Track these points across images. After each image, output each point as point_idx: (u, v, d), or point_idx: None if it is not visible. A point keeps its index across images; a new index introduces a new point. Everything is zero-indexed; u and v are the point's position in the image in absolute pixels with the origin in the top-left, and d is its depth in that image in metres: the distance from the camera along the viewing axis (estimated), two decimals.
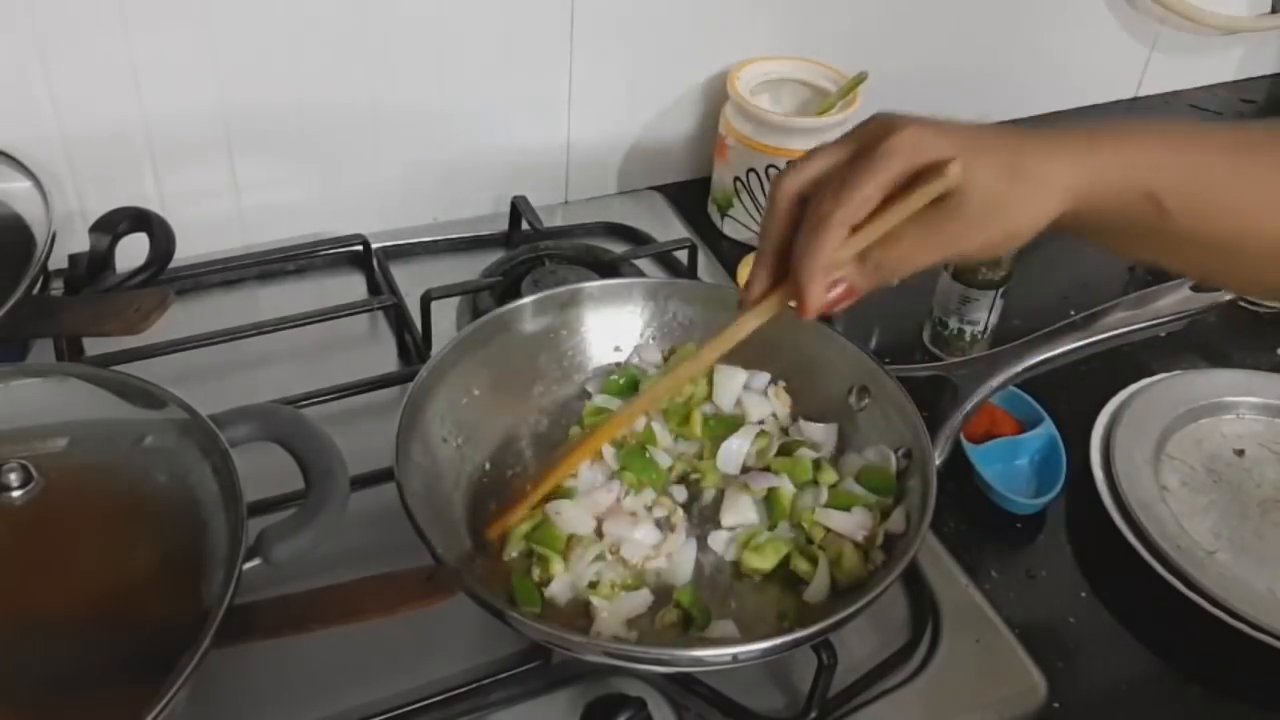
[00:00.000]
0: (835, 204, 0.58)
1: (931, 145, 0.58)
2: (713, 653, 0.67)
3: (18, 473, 0.62)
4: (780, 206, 0.62)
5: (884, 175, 0.58)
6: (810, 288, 0.59)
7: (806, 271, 0.59)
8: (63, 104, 0.91)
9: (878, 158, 0.58)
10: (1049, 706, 0.75)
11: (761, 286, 0.64)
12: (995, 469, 0.88)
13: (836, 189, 0.59)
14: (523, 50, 1.05)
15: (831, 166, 0.61)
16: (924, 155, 0.58)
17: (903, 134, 0.58)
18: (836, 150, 0.61)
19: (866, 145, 0.60)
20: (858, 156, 0.60)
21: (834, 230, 0.58)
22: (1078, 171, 0.60)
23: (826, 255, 0.59)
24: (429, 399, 0.78)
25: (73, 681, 0.57)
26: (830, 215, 0.58)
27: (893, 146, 0.58)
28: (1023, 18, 1.28)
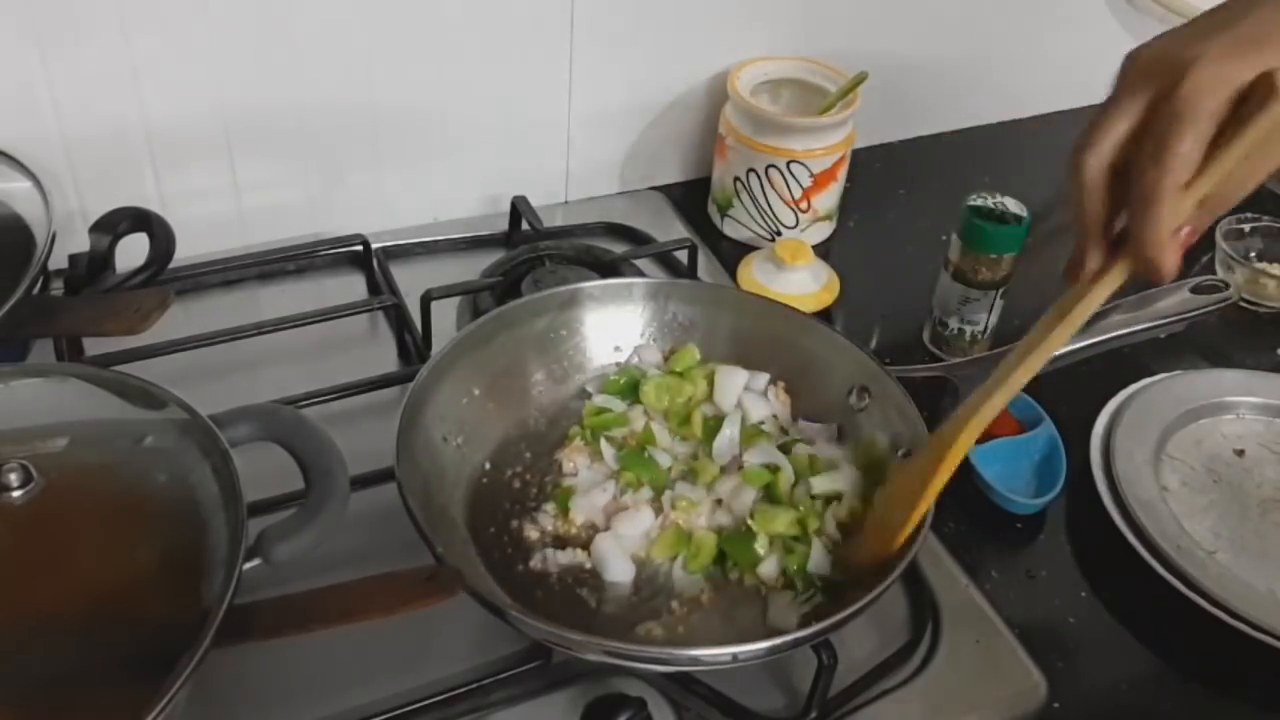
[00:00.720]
0: (1161, 171, 0.56)
1: (1232, 73, 0.55)
2: (712, 652, 0.67)
3: (18, 473, 0.62)
4: (1093, 184, 0.60)
5: (1202, 125, 0.56)
6: (1164, 259, 0.58)
7: (1155, 244, 0.58)
8: (63, 104, 0.91)
9: (1186, 109, 0.55)
10: (1049, 706, 0.75)
11: (1096, 264, 0.62)
12: (995, 469, 0.88)
13: (1158, 154, 0.56)
14: (523, 50, 1.05)
15: (1129, 128, 0.58)
16: (1230, 87, 0.55)
17: (1196, 76, 0.55)
18: (1129, 107, 0.58)
19: (1161, 93, 0.56)
20: (1158, 109, 0.57)
21: (1169, 197, 0.57)
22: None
23: (1169, 223, 0.57)
24: (429, 399, 0.78)
25: (73, 681, 0.57)
26: (1160, 184, 0.56)
27: (1196, 91, 0.55)
28: (1023, 18, 1.29)
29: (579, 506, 0.77)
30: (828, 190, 1.11)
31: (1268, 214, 1.14)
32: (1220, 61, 0.55)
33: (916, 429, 0.77)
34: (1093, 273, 0.63)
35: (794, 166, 1.08)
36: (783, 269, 1.03)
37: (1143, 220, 0.58)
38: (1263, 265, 1.11)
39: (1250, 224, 1.14)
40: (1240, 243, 1.13)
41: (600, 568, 0.75)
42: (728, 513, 0.78)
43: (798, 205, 1.11)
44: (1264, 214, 1.14)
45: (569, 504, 0.77)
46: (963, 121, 1.35)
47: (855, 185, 1.18)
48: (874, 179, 1.23)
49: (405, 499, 0.70)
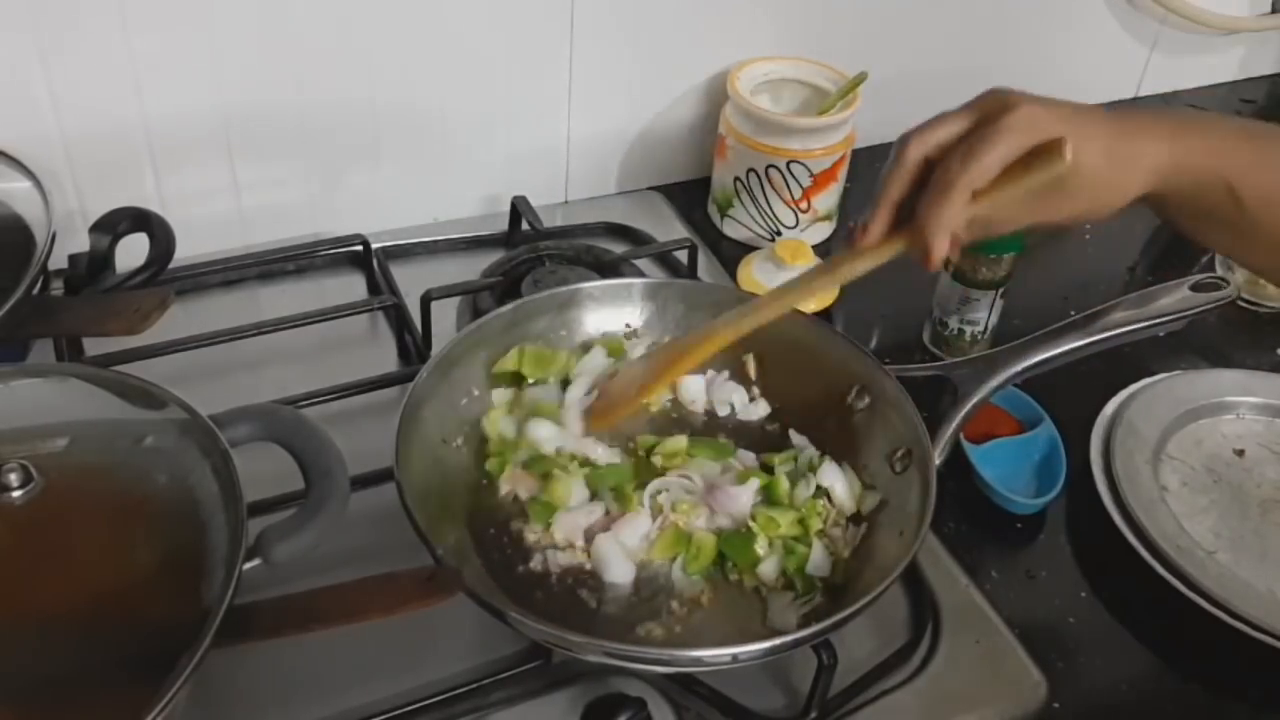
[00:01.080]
0: (962, 170, 0.64)
1: (1046, 124, 0.65)
2: (713, 653, 0.67)
3: (18, 473, 0.62)
4: (907, 164, 0.68)
5: (1005, 149, 0.64)
6: (936, 242, 0.65)
7: (933, 227, 0.65)
8: (63, 104, 0.91)
9: (1001, 131, 0.65)
10: (1049, 706, 0.75)
11: (880, 232, 0.69)
12: (995, 469, 0.88)
13: (964, 156, 0.65)
14: (523, 50, 1.05)
15: (955, 134, 0.67)
16: (1040, 133, 0.65)
17: (1020, 112, 0.65)
18: (959, 119, 0.67)
19: (987, 117, 0.66)
20: (980, 127, 0.66)
21: (960, 193, 0.65)
22: (1163, 155, 0.68)
23: (953, 215, 0.65)
24: (429, 399, 0.78)
25: (73, 681, 0.57)
26: (957, 180, 0.64)
27: (1013, 123, 0.65)
28: (1023, 18, 1.28)
29: (561, 525, 0.76)
30: (828, 190, 1.11)
31: None
32: (1041, 112, 0.66)
33: (916, 428, 0.77)
34: (872, 241, 0.69)
35: (794, 166, 1.08)
36: (783, 269, 1.03)
37: (932, 205, 0.65)
38: None
39: None
40: None
41: (601, 569, 0.74)
42: (727, 514, 0.78)
43: (798, 205, 1.11)
44: None
45: (550, 521, 0.76)
46: None
47: (855, 185, 1.18)
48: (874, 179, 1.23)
49: (404, 499, 0.70)
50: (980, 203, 0.66)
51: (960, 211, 0.65)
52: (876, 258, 0.70)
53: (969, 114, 0.67)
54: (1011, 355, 0.82)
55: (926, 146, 0.67)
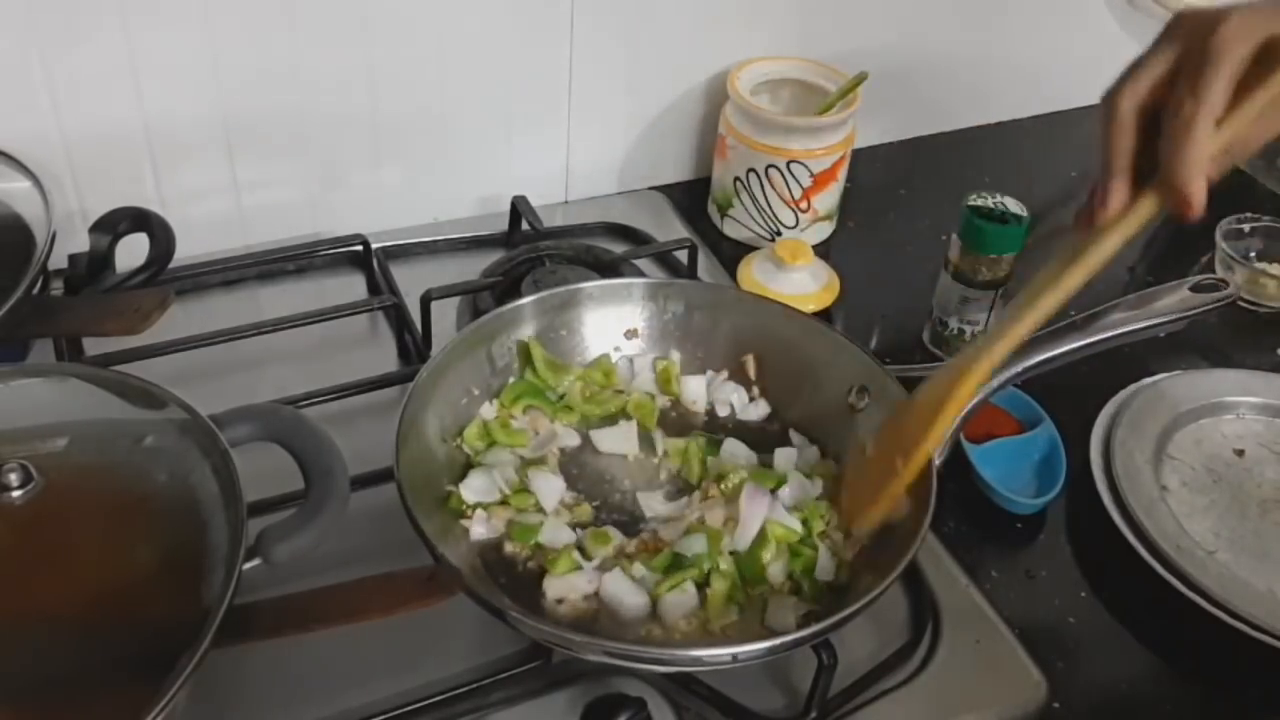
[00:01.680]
0: (1196, 103, 0.60)
1: (1260, 25, 0.61)
2: (713, 652, 0.67)
3: (18, 473, 0.62)
4: (1125, 121, 0.63)
5: (1232, 66, 0.60)
6: (1193, 186, 0.61)
7: (1185, 172, 0.61)
8: (63, 104, 0.91)
9: (1219, 49, 0.60)
10: (1049, 706, 0.75)
11: (1122, 199, 0.64)
12: (995, 469, 0.88)
13: (1193, 88, 0.60)
14: (523, 50, 1.05)
15: (1164, 72, 0.62)
16: (1258, 34, 0.60)
17: (1229, 24, 0.60)
18: (1162, 57, 0.63)
19: (1194, 43, 0.61)
20: (1190, 56, 0.61)
21: (1204, 127, 0.60)
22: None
23: (1203, 152, 0.61)
24: (429, 399, 0.78)
25: (73, 681, 0.57)
26: (1196, 114, 0.60)
27: (1227, 37, 0.60)
28: (1022, 18, 1.28)
29: (553, 589, 0.73)
30: (828, 190, 1.11)
31: (1268, 214, 1.14)
32: (1250, 16, 0.60)
33: None
34: (1117, 210, 0.64)
35: (794, 166, 1.08)
36: (783, 269, 1.03)
37: (1176, 150, 0.61)
38: (1263, 265, 1.11)
39: (1250, 224, 1.13)
40: (1240, 243, 1.13)
41: (615, 606, 0.72)
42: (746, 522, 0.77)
43: (798, 205, 1.11)
44: (1264, 214, 1.14)
45: (543, 586, 0.73)
46: (963, 121, 1.35)
47: (855, 185, 1.18)
48: (874, 179, 1.23)
49: (404, 499, 0.70)
50: (1227, 130, 0.61)
51: (1208, 147, 0.61)
52: (1127, 229, 0.65)
53: (1169, 49, 0.63)
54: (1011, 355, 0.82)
55: (1139, 96, 0.63)
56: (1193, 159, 0.61)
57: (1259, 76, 0.61)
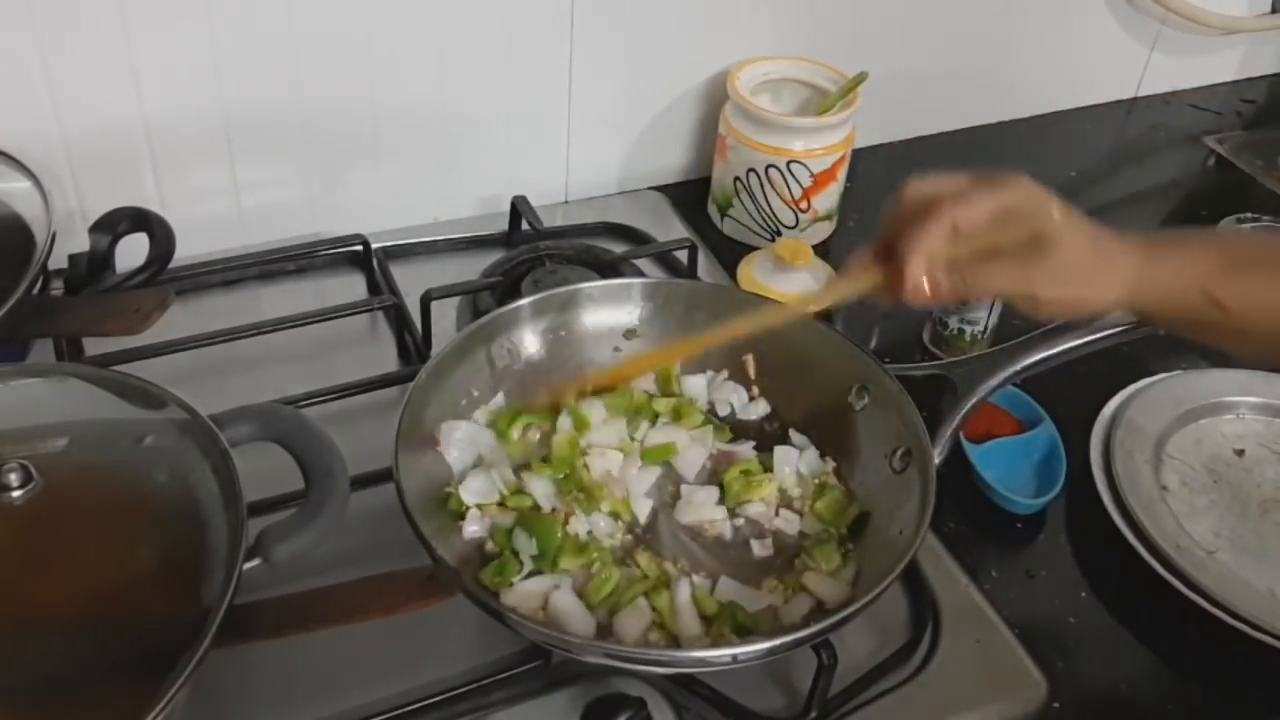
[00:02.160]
0: (953, 204, 0.67)
1: (1044, 196, 0.69)
2: (713, 653, 0.67)
3: (18, 473, 0.62)
4: (904, 202, 0.70)
5: (1001, 196, 0.68)
6: (911, 263, 0.67)
7: (910, 250, 0.67)
8: (63, 103, 0.91)
9: (998, 183, 0.68)
10: (1049, 706, 0.75)
11: (863, 261, 0.72)
12: (995, 469, 0.88)
13: (955, 195, 0.68)
14: (523, 50, 1.05)
15: (956, 184, 0.69)
16: (1037, 199, 0.68)
17: (1022, 178, 0.69)
18: (963, 177, 0.70)
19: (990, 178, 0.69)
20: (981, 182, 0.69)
21: (944, 221, 0.67)
22: (1139, 268, 0.70)
23: (932, 240, 0.67)
24: (429, 399, 0.78)
25: (73, 681, 0.57)
26: (945, 211, 0.67)
27: (1012, 180, 0.68)
28: (1023, 18, 1.29)
29: (507, 598, 0.71)
30: (828, 190, 1.11)
31: (1268, 214, 1.14)
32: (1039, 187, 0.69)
33: (916, 428, 0.77)
34: (856, 265, 0.73)
35: (794, 166, 1.08)
36: (783, 269, 1.03)
37: (915, 230, 0.67)
38: None
39: (1250, 224, 1.13)
40: None
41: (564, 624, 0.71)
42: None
43: (798, 205, 1.11)
44: (1264, 214, 1.14)
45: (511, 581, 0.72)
46: (963, 121, 1.35)
47: (855, 185, 1.18)
48: (874, 179, 1.23)
49: (403, 500, 0.70)
50: (963, 243, 0.67)
51: (939, 240, 0.67)
52: (850, 285, 0.73)
53: (973, 177, 0.69)
54: (1011, 354, 0.82)
55: (925, 187, 0.70)
56: (921, 242, 0.67)
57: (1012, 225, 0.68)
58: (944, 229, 0.67)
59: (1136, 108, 1.44)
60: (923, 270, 0.67)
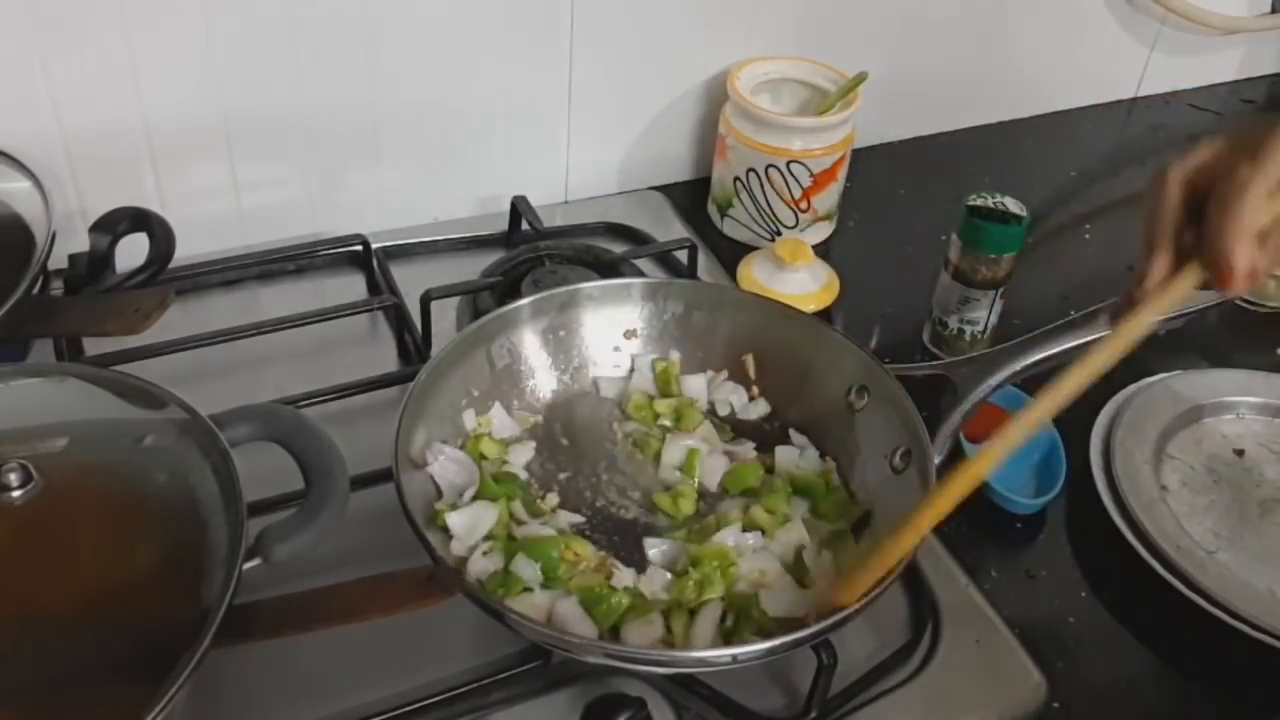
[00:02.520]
0: (1253, 168, 0.59)
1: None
2: (713, 653, 0.67)
3: (18, 473, 0.62)
4: (1172, 192, 0.62)
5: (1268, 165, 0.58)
6: (1237, 253, 0.59)
7: (1228, 239, 0.59)
8: (63, 103, 0.91)
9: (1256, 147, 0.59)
10: (1049, 706, 0.75)
11: (1163, 271, 0.63)
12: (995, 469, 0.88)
13: (1251, 156, 0.59)
14: (523, 50, 1.05)
15: (1215, 157, 0.61)
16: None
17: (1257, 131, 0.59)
18: (1215, 146, 0.62)
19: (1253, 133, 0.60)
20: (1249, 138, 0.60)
21: (1255, 192, 0.58)
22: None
23: (1251, 218, 0.59)
24: (429, 399, 0.78)
25: (73, 681, 0.57)
26: (1251, 178, 0.59)
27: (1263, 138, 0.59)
28: (1023, 18, 1.29)
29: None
30: (828, 190, 1.11)
31: None
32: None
33: (915, 428, 0.77)
34: (1158, 279, 0.63)
35: (794, 166, 1.08)
36: (783, 269, 1.03)
37: (1224, 213, 0.59)
38: None
39: None
40: None
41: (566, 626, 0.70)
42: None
43: (798, 205, 1.11)
44: None
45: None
46: (963, 121, 1.35)
47: (855, 185, 1.18)
48: (874, 179, 1.23)
49: (403, 500, 0.70)
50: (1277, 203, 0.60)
51: (1258, 216, 0.59)
52: (1165, 301, 0.64)
53: (1224, 141, 0.62)
54: (1011, 354, 0.82)
55: (1189, 171, 0.62)
56: (1240, 223, 0.59)
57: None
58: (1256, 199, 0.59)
59: (1136, 108, 1.44)
60: (1250, 258, 0.59)
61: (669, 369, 0.88)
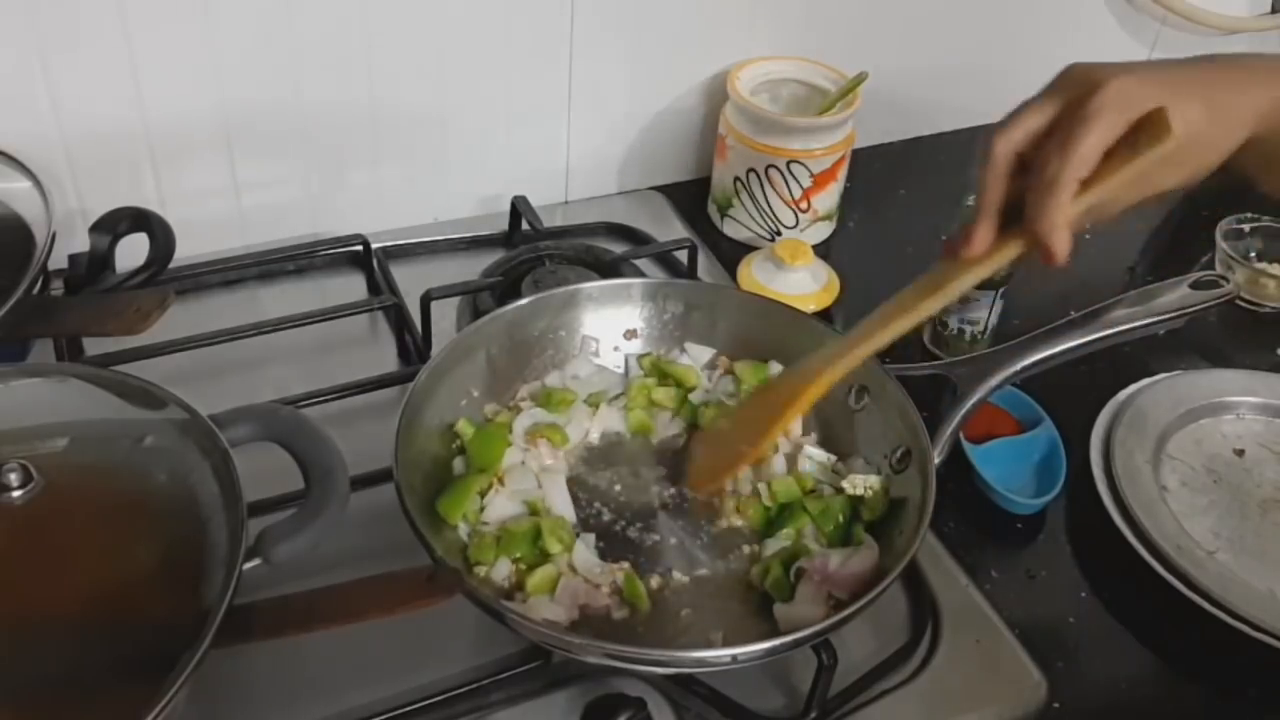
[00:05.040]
0: (1063, 163, 0.61)
1: (1140, 95, 0.61)
2: (713, 653, 0.67)
3: (18, 473, 0.62)
4: (999, 165, 0.65)
5: (1104, 133, 0.61)
6: (1054, 238, 0.63)
7: (1047, 226, 0.62)
8: (63, 104, 0.91)
9: (1094, 115, 0.61)
10: (1049, 706, 0.75)
11: (987, 239, 0.66)
12: (995, 469, 0.88)
13: (1061, 149, 0.62)
14: (523, 50, 1.05)
15: (1044, 123, 0.64)
16: (1135, 107, 0.61)
17: (1110, 88, 0.61)
18: (1044, 106, 0.64)
19: (1076, 99, 0.62)
20: (1069, 112, 0.62)
21: (1067, 188, 0.62)
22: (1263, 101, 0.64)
23: (1064, 211, 0.62)
24: (429, 399, 0.78)
25: (73, 681, 0.57)
26: (1060, 174, 0.61)
27: (1105, 102, 0.61)
28: (1023, 18, 1.28)
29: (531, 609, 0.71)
30: (828, 190, 1.11)
31: (1268, 214, 1.14)
32: (1132, 84, 0.62)
33: (915, 428, 0.77)
34: (980, 251, 0.66)
35: (794, 166, 1.08)
36: (783, 269, 1.03)
37: (1040, 205, 0.62)
38: (1263, 265, 1.11)
39: (1250, 224, 1.13)
40: (1240, 243, 1.13)
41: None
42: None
43: (798, 205, 1.11)
44: (1264, 214, 1.14)
45: (553, 591, 0.73)
46: (963, 121, 1.35)
47: (855, 185, 1.18)
48: (874, 179, 1.23)
49: (403, 500, 0.70)
50: (1090, 192, 0.63)
51: (1069, 206, 0.62)
52: (989, 266, 0.67)
53: (1054, 99, 0.64)
54: (1011, 354, 0.82)
55: (1015, 142, 0.64)
56: (1054, 215, 0.62)
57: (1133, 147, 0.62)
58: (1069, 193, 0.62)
59: None
60: (1068, 239, 0.63)
61: (656, 360, 0.88)
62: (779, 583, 0.73)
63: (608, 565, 0.74)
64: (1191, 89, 0.63)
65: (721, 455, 0.79)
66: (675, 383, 0.86)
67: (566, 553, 0.74)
